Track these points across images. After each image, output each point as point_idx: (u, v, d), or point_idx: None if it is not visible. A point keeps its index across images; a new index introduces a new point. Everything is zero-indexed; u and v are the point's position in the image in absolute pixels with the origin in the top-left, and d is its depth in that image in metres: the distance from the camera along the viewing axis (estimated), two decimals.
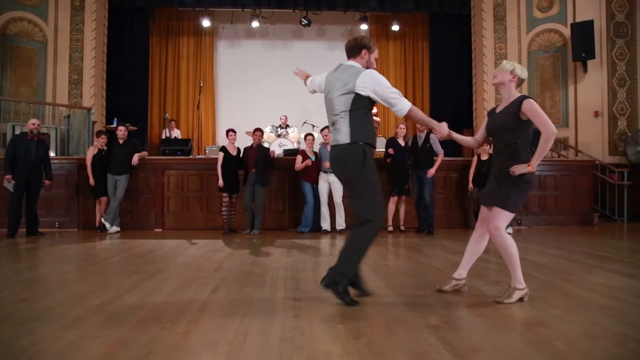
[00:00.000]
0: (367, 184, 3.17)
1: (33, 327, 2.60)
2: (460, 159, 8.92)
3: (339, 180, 3.44)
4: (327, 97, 3.33)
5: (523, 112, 3.12)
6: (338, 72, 3.31)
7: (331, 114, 3.27)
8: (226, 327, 2.63)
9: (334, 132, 3.24)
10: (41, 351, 2.26)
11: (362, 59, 3.29)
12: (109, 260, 4.99)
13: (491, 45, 10.89)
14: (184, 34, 12.52)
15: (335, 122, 3.22)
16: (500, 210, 3.20)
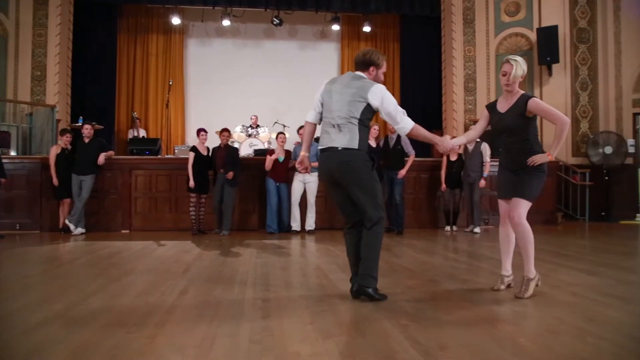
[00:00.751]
0: (375, 186, 3.29)
1: None
2: (429, 160, 9.03)
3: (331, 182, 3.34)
4: (332, 98, 3.30)
5: (530, 111, 3.28)
6: (347, 77, 3.35)
7: (337, 115, 3.24)
8: (194, 329, 2.60)
9: (336, 134, 3.23)
10: (2, 358, 2.21)
11: (370, 74, 3.35)
12: (73, 263, 4.87)
13: (460, 48, 11.07)
14: (153, 32, 12.24)
15: (342, 125, 3.22)
16: (521, 200, 3.34)
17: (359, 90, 3.23)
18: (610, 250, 5.77)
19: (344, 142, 3.20)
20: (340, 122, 3.21)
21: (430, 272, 4.37)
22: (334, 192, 3.38)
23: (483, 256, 5.41)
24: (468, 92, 11.04)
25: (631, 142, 9.89)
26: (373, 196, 3.24)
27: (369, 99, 3.20)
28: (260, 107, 11.65)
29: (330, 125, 3.27)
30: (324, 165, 3.33)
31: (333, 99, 3.27)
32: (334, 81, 3.39)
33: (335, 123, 3.24)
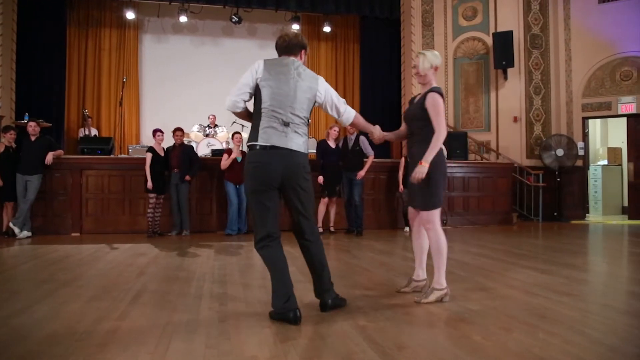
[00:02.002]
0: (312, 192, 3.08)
1: None
2: (388, 161, 9.08)
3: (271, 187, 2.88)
4: (286, 88, 2.87)
5: (426, 104, 3.22)
6: (292, 64, 2.94)
7: (297, 113, 2.88)
8: (148, 335, 2.53)
9: (292, 134, 2.85)
10: None
11: (301, 59, 3.04)
12: (18, 268, 4.63)
13: (419, 50, 11.18)
14: (106, 25, 11.76)
15: (295, 125, 2.87)
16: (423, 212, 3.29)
17: (312, 82, 2.95)
18: (562, 250, 5.94)
19: (300, 145, 2.88)
20: (298, 122, 2.87)
21: (388, 272, 4.40)
22: (268, 198, 2.87)
23: None
24: None
25: (581, 145, 10.28)
26: (312, 202, 3.08)
27: (318, 92, 2.97)
28: (219, 106, 11.31)
29: (282, 122, 2.83)
30: (272, 166, 2.82)
31: (290, 90, 2.86)
32: (278, 64, 2.92)
33: (289, 121, 2.84)
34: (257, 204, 2.88)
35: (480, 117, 10.95)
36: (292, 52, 3.00)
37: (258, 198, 2.87)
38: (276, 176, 2.85)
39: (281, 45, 3.01)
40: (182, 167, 7.19)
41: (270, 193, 2.88)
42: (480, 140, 10.75)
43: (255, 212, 2.91)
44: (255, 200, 2.88)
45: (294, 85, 2.88)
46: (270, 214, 2.90)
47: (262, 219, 2.89)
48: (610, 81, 10.19)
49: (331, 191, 7.48)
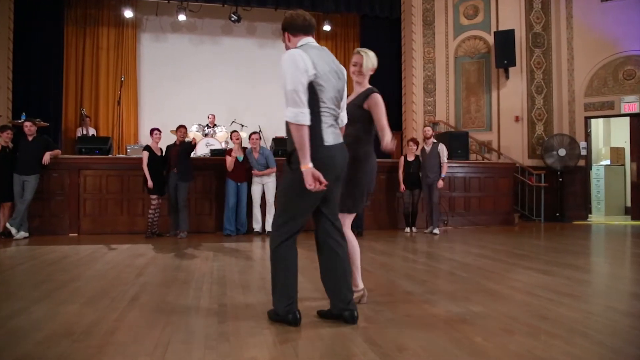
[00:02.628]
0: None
1: None
2: (388, 161, 9.00)
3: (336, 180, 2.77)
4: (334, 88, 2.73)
5: (368, 104, 3.15)
6: (328, 54, 2.78)
7: (337, 107, 2.78)
8: (146, 337, 2.51)
9: (337, 127, 2.80)
10: None
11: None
12: (15, 269, 4.59)
13: (420, 49, 11.14)
14: (104, 24, 11.67)
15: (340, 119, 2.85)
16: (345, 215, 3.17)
17: (342, 72, 2.84)
18: (564, 250, 5.89)
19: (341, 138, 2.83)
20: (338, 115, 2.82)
21: (389, 273, 4.37)
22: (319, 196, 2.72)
23: (441, 257, 5.45)
24: (427, 94, 11.13)
25: (583, 145, 10.22)
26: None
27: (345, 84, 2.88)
28: (218, 106, 11.36)
29: (333, 117, 2.73)
30: (339, 161, 2.73)
31: (337, 85, 2.74)
32: (318, 55, 2.67)
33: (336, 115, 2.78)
34: (310, 200, 2.67)
35: (482, 117, 10.88)
36: (311, 32, 2.78)
37: (316, 195, 2.64)
38: (339, 170, 2.75)
39: (302, 25, 2.73)
40: (181, 166, 7.07)
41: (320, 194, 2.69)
42: (482, 140, 10.69)
43: (304, 207, 2.70)
44: (313, 197, 2.66)
45: (337, 79, 2.76)
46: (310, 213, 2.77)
47: (303, 215, 2.72)
48: (613, 80, 10.12)
49: None
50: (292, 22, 2.71)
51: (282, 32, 2.76)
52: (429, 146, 7.81)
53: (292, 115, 2.50)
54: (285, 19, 2.74)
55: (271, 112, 11.40)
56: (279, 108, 11.24)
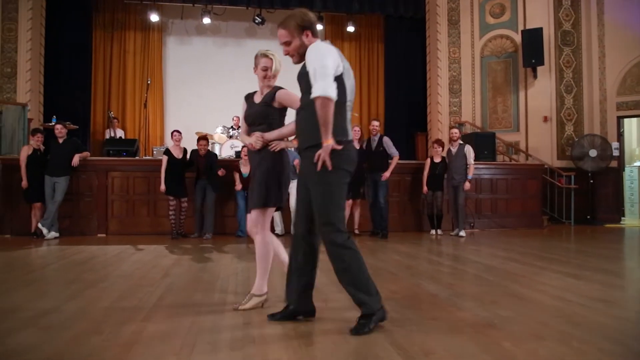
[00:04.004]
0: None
1: None
2: (413, 162, 8.94)
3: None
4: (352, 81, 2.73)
5: (277, 101, 3.11)
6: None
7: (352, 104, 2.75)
8: (173, 337, 2.53)
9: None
10: None
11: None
12: (46, 269, 4.70)
13: (445, 49, 10.99)
14: (131, 28, 11.89)
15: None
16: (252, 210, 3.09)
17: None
18: (596, 254, 5.73)
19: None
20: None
21: (414, 276, 4.30)
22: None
23: (468, 260, 5.36)
24: (453, 94, 10.97)
25: (615, 146, 9.91)
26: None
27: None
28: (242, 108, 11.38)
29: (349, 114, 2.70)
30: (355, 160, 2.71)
31: (352, 87, 2.70)
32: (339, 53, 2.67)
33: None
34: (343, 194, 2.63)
35: (509, 117, 10.68)
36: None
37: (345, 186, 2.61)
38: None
39: (315, 25, 2.71)
40: (210, 178, 7.20)
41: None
42: (509, 140, 10.48)
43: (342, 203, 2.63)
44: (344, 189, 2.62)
45: (353, 78, 2.75)
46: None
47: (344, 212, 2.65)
48: None
49: (355, 193, 7.39)
50: (313, 22, 2.68)
51: (302, 29, 2.64)
52: (455, 147, 7.70)
53: (321, 88, 2.41)
54: (307, 17, 2.67)
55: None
56: None
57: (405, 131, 11.56)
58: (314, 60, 2.49)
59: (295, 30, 2.64)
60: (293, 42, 2.65)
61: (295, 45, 2.65)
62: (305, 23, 2.64)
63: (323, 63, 2.46)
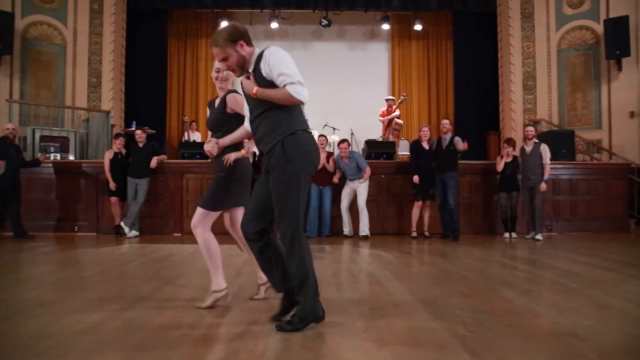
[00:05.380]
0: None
1: (51, 332, 2.59)
2: (484, 162, 8.63)
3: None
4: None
5: (228, 107, 3.17)
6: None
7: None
8: (246, 333, 2.59)
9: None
10: (59, 356, 2.25)
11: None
12: (128, 265, 4.94)
13: (518, 44, 10.53)
14: (202, 36, 12.42)
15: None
16: (198, 208, 3.18)
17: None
18: None
19: None
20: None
21: (488, 280, 4.14)
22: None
23: (545, 265, 5.08)
24: (527, 91, 10.48)
25: None
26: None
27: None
28: (310, 109, 11.41)
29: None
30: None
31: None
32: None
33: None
34: (305, 191, 2.65)
35: (590, 114, 10.05)
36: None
37: (307, 182, 2.66)
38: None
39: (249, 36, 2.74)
40: None
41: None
42: (590, 139, 9.87)
43: (304, 198, 2.65)
44: (305, 186, 2.65)
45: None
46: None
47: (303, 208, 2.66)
48: None
49: (425, 194, 7.26)
50: (246, 32, 2.68)
51: (234, 42, 2.61)
52: (529, 146, 7.35)
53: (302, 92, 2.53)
54: (235, 30, 2.65)
55: (363, 114, 11.40)
56: (370, 111, 11.28)
57: (477, 131, 11.18)
58: (279, 63, 2.55)
59: (227, 44, 2.62)
60: (230, 57, 2.64)
61: (233, 60, 2.64)
62: (234, 35, 2.62)
63: (291, 67, 2.56)
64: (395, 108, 10.48)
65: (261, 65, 2.59)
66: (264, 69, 2.57)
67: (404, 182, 7.82)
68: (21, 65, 9.64)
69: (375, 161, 8.14)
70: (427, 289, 3.75)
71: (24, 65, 9.68)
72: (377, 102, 11.18)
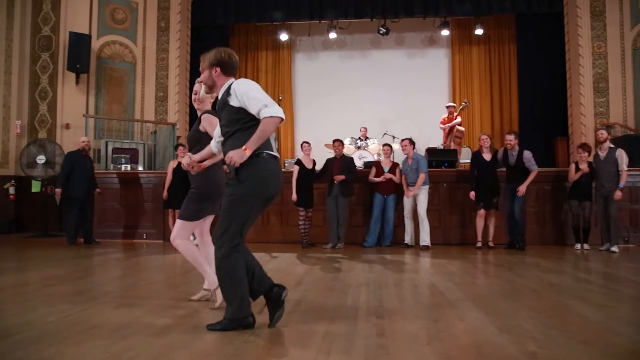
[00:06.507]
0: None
1: (125, 334, 2.72)
2: (553, 170, 8.23)
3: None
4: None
5: (202, 126, 3.43)
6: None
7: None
8: (308, 343, 2.60)
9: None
10: (132, 358, 2.36)
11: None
12: (193, 272, 5.02)
13: (588, 45, 9.99)
14: (262, 48, 12.76)
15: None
16: (178, 220, 3.47)
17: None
18: None
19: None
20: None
21: (559, 294, 3.93)
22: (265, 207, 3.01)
23: (623, 278, 4.77)
24: (598, 94, 9.91)
25: None
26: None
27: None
28: (369, 118, 11.54)
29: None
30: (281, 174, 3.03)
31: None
32: None
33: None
34: (258, 212, 2.86)
35: None
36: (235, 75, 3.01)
37: (265, 205, 2.89)
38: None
39: (234, 67, 2.95)
40: (343, 181, 7.25)
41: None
42: None
43: (249, 218, 2.80)
44: (261, 207, 2.87)
45: None
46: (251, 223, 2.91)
47: (247, 227, 2.82)
48: None
49: (487, 203, 7.04)
50: (228, 61, 2.91)
51: (212, 66, 2.89)
52: (603, 152, 6.95)
53: (276, 111, 2.67)
54: (219, 55, 2.90)
55: (422, 122, 11.23)
56: (430, 119, 11.09)
57: (543, 136, 10.69)
58: (251, 92, 2.73)
59: (207, 64, 2.93)
60: (203, 74, 2.96)
61: (204, 77, 2.96)
62: (217, 59, 2.90)
63: (263, 93, 2.75)
64: (456, 115, 10.25)
65: (230, 99, 2.79)
66: (232, 100, 2.77)
67: (466, 191, 7.61)
68: (96, 83, 10.28)
69: (436, 169, 7.97)
70: (493, 301, 3.61)
71: (98, 82, 10.32)
72: (437, 110, 10.98)
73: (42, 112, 10.06)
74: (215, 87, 2.94)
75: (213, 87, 2.96)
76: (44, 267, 5.30)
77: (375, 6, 11.00)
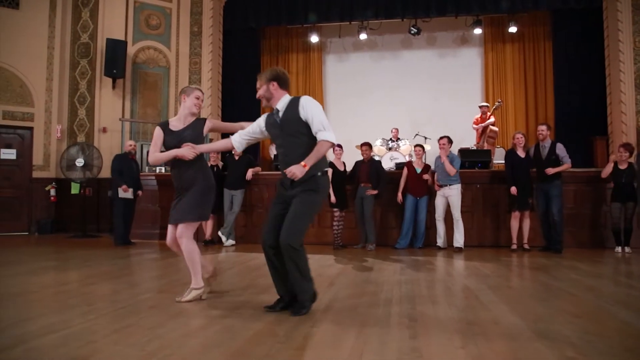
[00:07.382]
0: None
1: (161, 333, 2.80)
2: (591, 170, 7.97)
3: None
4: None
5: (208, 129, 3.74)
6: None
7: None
8: (341, 345, 2.61)
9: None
10: (167, 356, 2.41)
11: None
12: (226, 273, 5.14)
13: (629, 40, 9.63)
14: (293, 51, 12.83)
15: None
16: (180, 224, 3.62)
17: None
18: None
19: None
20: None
21: (599, 299, 3.81)
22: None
23: None
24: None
25: None
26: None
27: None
28: (400, 119, 11.46)
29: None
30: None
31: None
32: None
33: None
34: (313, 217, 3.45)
35: None
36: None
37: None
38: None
39: (288, 82, 3.40)
40: (371, 182, 7.26)
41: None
42: None
43: (310, 222, 3.40)
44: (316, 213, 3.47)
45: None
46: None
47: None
48: None
49: (522, 204, 6.87)
50: (283, 77, 3.35)
51: (269, 81, 3.31)
52: None
53: (333, 138, 3.20)
54: (275, 73, 3.36)
55: (454, 123, 11.06)
56: (462, 119, 10.94)
57: (581, 136, 10.36)
58: (318, 113, 3.22)
59: (265, 80, 3.34)
60: (261, 88, 3.33)
61: (262, 90, 3.33)
62: (275, 76, 3.34)
63: (325, 117, 3.24)
64: (489, 115, 10.06)
65: (299, 110, 3.23)
66: (301, 112, 3.22)
67: (500, 192, 7.46)
68: (131, 87, 10.56)
69: (469, 170, 7.84)
70: (529, 305, 3.55)
71: (133, 86, 10.59)
72: (470, 109, 10.80)
73: (81, 117, 10.40)
74: (273, 99, 3.34)
75: (270, 99, 3.35)
76: (83, 267, 5.48)
77: (406, 6, 10.89)
